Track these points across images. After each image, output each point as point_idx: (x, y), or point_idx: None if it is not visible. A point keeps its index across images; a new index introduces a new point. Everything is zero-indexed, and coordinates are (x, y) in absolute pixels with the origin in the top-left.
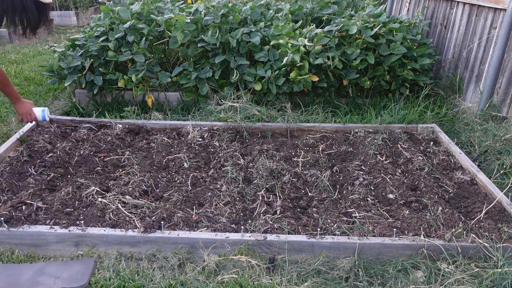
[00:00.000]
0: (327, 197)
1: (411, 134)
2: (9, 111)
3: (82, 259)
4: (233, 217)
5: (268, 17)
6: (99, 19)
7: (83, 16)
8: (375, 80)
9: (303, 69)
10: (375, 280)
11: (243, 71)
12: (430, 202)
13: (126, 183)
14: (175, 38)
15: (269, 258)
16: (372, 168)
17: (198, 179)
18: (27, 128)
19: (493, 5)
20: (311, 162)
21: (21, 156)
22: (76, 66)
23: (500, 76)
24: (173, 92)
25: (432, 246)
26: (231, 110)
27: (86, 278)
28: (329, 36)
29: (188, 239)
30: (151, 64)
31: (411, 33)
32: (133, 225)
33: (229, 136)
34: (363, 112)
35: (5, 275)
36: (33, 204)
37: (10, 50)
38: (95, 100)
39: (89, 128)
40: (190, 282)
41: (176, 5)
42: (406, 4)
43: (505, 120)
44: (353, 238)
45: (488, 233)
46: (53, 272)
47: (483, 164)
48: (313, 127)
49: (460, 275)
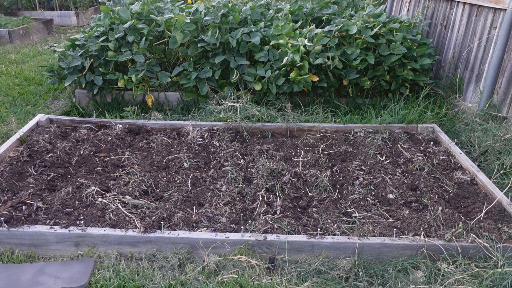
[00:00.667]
0: (327, 197)
1: (411, 134)
2: (9, 111)
3: (82, 259)
4: (233, 217)
5: (268, 17)
6: (99, 19)
7: (83, 16)
8: (375, 80)
9: (303, 69)
10: (375, 280)
11: (243, 71)
12: (430, 202)
13: (126, 183)
14: (174, 38)
15: (269, 258)
16: (372, 168)
17: (198, 179)
18: (27, 128)
19: (493, 5)
20: (311, 162)
21: (21, 156)
22: (76, 66)
23: (500, 76)
24: (173, 92)
25: (432, 246)
26: (231, 110)
27: (86, 278)
28: (329, 36)
29: (188, 239)
30: (151, 64)
31: (411, 33)
32: (133, 225)
33: (229, 136)
34: (363, 112)
35: (5, 275)
36: (33, 204)
37: (10, 50)
38: (95, 100)
39: (89, 128)
40: (190, 282)
41: (176, 5)
42: (406, 4)
43: (505, 120)
44: (353, 238)
45: (488, 233)
46: (53, 272)
47: (483, 164)
48: (313, 127)
49: (460, 275)
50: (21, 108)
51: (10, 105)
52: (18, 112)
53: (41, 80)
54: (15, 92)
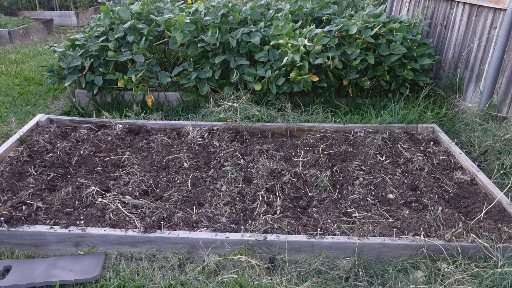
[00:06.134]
0: (327, 197)
1: (411, 134)
2: (9, 111)
3: (93, 253)
4: (233, 217)
5: (268, 17)
6: (99, 19)
7: (83, 16)
8: (375, 80)
9: (303, 69)
10: (375, 280)
11: (243, 71)
12: (430, 202)
13: (126, 183)
14: (174, 38)
15: (269, 258)
16: (372, 168)
17: (198, 179)
18: (27, 128)
19: (493, 5)
20: (311, 162)
21: (21, 156)
22: (76, 66)
23: (500, 76)
24: (173, 92)
25: (432, 246)
26: (231, 110)
27: (98, 270)
28: (329, 36)
29: (188, 239)
30: (151, 64)
31: (411, 33)
32: (133, 225)
33: (229, 136)
34: (363, 112)
35: (19, 270)
36: (33, 204)
37: (10, 50)
38: (95, 100)
39: (89, 128)
40: (190, 282)
41: (176, 5)
42: (406, 4)
43: (505, 120)
44: (353, 238)
45: (488, 233)
46: (65, 265)
47: (483, 164)
48: (313, 127)
49: (460, 275)
50: (21, 108)
51: (10, 105)
52: (18, 112)
53: (41, 80)
54: (15, 92)
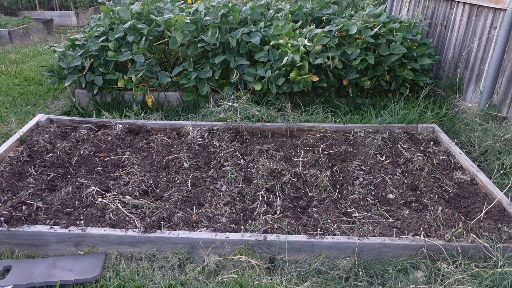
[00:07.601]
0: (327, 197)
1: (411, 134)
2: (9, 111)
3: (93, 253)
4: (233, 217)
5: (268, 17)
6: (99, 19)
7: (83, 16)
8: (375, 80)
9: (303, 69)
10: (375, 280)
11: (243, 71)
12: (430, 202)
13: (126, 183)
14: (174, 38)
15: (269, 258)
16: (372, 168)
17: (198, 179)
18: (27, 128)
19: (493, 5)
20: (311, 162)
21: (21, 156)
22: (76, 66)
23: (500, 76)
24: (173, 92)
25: (432, 246)
26: (231, 110)
27: (98, 270)
28: (329, 36)
29: (188, 239)
30: (151, 64)
31: (411, 33)
32: (133, 225)
33: (229, 136)
34: (363, 112)
35: (19, 270)
36: (33, 204)
37: (10, 50)
38: (95, 100)
39: (89, 128)
40: (190, 282)
41: (176, 5)
42: (406, 4)
43: (505, 120)
44: (353, 238)
45: (488, 233)
46: (65, 265)
47: (483, 164)
48: (313, 127)
49: (460, 275)
50: (21, 108)
51: (10, 105)
52: (18, 112)
53: (41, 80)
54: (15, 92)
